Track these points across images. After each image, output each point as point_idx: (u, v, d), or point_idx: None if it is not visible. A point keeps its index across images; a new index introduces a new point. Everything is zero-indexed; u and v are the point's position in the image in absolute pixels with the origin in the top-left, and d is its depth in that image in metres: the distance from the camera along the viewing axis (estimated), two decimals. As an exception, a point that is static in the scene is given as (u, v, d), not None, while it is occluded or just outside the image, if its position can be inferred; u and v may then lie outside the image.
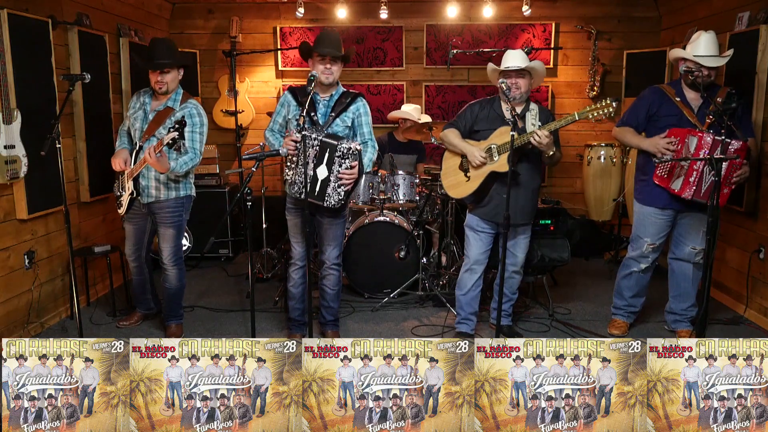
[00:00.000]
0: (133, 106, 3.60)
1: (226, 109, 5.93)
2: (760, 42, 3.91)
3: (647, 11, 5.80)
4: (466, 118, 3.59)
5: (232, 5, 5.91)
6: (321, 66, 3.32)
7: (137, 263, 3.84)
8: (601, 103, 3.15)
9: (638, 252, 3.70)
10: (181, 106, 3.53)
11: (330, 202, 3.27)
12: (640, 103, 3.64)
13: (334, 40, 3.36)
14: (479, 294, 3.75)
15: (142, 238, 3.78)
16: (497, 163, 3.41)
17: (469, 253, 3.68)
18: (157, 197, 3.56)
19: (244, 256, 5.74)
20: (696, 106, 3.49)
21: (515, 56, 3.45)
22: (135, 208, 3.65)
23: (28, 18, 3.66)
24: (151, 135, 3.46)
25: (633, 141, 3.64)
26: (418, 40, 5.98)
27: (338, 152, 3.20)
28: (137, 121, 3.54)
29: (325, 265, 3.62)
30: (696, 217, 3.55)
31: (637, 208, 3.71)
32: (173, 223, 3.64)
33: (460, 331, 3.77)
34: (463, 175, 3.57)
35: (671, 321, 3.83)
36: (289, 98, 3.45)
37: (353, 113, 3.44)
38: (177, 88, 3.57)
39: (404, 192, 4.59)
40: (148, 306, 4.05)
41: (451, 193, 3.68)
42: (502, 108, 3.53)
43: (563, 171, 6.13)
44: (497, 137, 3.43)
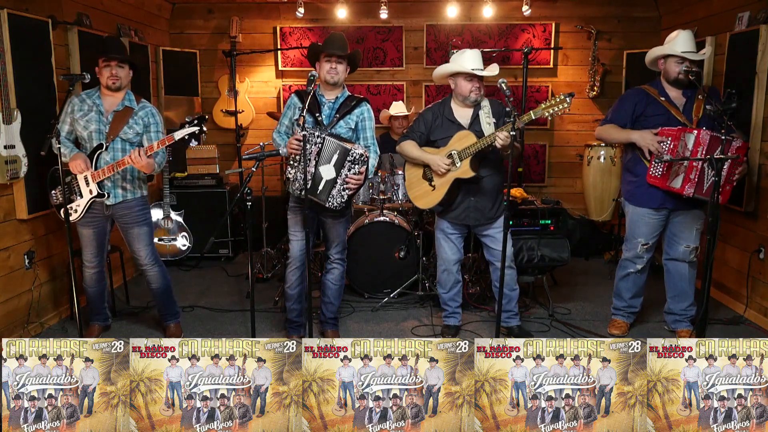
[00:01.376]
0: (80, 109, 3.45)
1: (226, 109, 5.93)
2: (760, 42, 3.91)
3: (647, 11, 5.80)
4: (419, 128, 3.59)
5: (232, 5, 5.91)
6: (327, 65, 3.38)
7: (98, 269, 3.67)
8: (555, 99, 3.12)
9: (633, 253, 3.70)
10: (139, 106, 3.53)
11: (333, 204, 3.29)
12: (626, 102, 3.62)
13: (340, 41, 3.40)
14: (461, 288, 3.84)
15: (103, 242, 3.64)
16: (460, 170, 3.42)
17: (443, 256, 3.73)
18: (125, 197, 3.52)
19: (244, 256, 5.74)
20: (680, 105, 3.50)
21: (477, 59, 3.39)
22: (94, 212, 3.51)
23: (28, 18, 3.66)
24: (116, 135, 3.43)
25: (620, 135, 3.59)
26: (418, 40, 5.98)
27: (350, 157, 3.23)
28: (91, 123, 3.43)
29: (329, 260, 3.67)
30: (689, 214, 3.55)
31: (629, 210, 3.70)
32: (145, 221, 3.62)
33: (448, 324, 3.86)
34: (428, 184, 3.57)
35: (671, 321, 3.83)
36: (295, 100, 3.47)
37: (357, 116, 3.46)
38: (128, 87, 3.55)
39: (404, 192, 4.59)
40: (105, 317, 3.88)
41: (418, 204, 3.66)
42: (453, 113, 3.52)
43: (563, 171, 6.13)
44: (456, 142, 3.43)
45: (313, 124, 3.40)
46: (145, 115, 3.52)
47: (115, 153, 3.45)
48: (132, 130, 3.47)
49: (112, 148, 3.45)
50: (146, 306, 4.35)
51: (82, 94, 3.52)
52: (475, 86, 3.40)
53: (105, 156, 3.44)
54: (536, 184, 6.10)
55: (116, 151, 3.45)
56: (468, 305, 4.21)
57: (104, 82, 3.44)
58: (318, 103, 3.43)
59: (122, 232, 3.64)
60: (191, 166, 5.53)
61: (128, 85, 3.55)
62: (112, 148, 3.45)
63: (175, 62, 5.67)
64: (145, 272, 3.69)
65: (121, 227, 3.62)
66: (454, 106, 3.54)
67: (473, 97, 3.43)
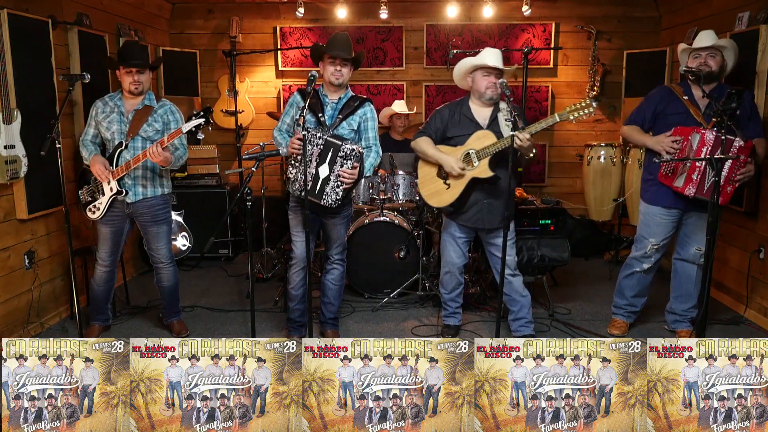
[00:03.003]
0: (102, 111, 3.52)
1: (226, 109, 5.92)
2: (760, 42, 3.91)
3: (647, 11, 5.80)
4: (435, 124, 3.52)
5: (232, 5, 5.91)
6: (331, 68, 3.36)
7: (110, 268, 3.68)
8: (581, 103, 3.12)
9: (641, 252, 3.69)
10: (159, 104, 3.57)
11: (327, 201, 3.28)
12: (648, 101, 3.66)
13: (345, 42, 3.38)
14: (462, 289, 3.82)
15: (119, 241, 3.67)
16: (478, 169, 3.35)
17: (447, 258, 3.67)
18: (144, 195, 3.56)
19: (244, 256, 5.74)
20: (703, 105, 3.49)
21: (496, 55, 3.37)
22: (115, 210, 3.55)
23: (28, 18, 3.66)
24: (136, 133, 3.47)
25: (639, 139, 3.66)
26: (418, 40, 5.98)
27: (341, 152, 3.21)
28: (113, 123, 3.49)
29: (329, 261, 3.66)
30: (703, 216, 3.53)
31: (642, 208, 3.71)
32: (165, 220, 3.67)
33: (448, 324, 3.86)
34: (443, 182, 3.48)
35: (671, 321, 3.83)
36: (297, 98, 3.47)
37: (360, 117, 3.45)
38: (149, 88, 3.60)
39: (404, 192, 4.60)
40: (106, 317, 3.87)
41: (431, 202, 3.56)
42: (471, 111, 3.48)
43: (563, 171, 6.13)
44: (475, 141, 3.37)
45: (315, 124, 3.39)
46: (165, 113, 3.56)
47: (135, 151, 3.48)
48: (152, 127, 3.50)
49: (132, 147, 3.48)
50: (146, 306, 4.35)
51: (105, 98, 3.59)
52: (492, 82, 3.35)
53: (125, 154, 3.47)
54: (536, 184, 6.10)
55: (136, 149, 3.48)
56: (468, 305, 4.21)
57: (126, 87, 3.49)
58: (321, 103, 3.42)
59: (141, 229, 3.67)
60: (191, 166, 5.53)
61: (149, 87, 3.59)
62: (132, 146, 3.48)
63: (175, 62, 5.67)
64: (160, 270, 3.74)
65: (140, 225, 3.65)
66: (473, 105, 3.49)
67: (489, 94, 3.37)
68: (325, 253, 3.70)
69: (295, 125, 3.33)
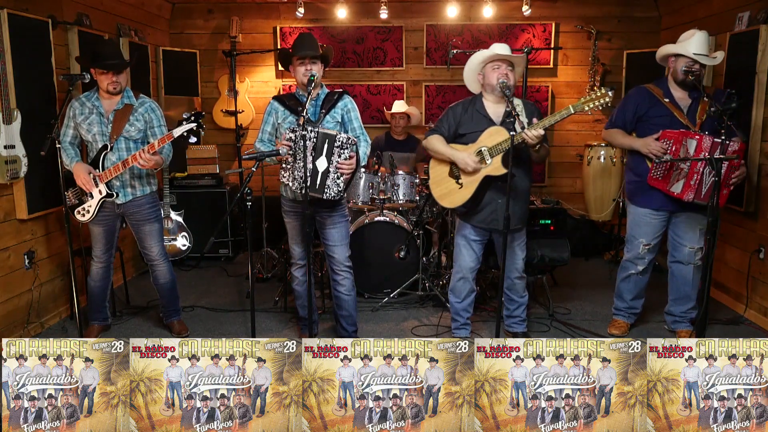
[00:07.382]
0: (81, 113, 3.46)
1: (226, 109, 5.92)
2: (760, 42, 3.91)
3: (647, 11, 5.80)
4: (448, 121, 3.45)
5: (232, 5, 5.91)
6: (302, 68, 3.32)
7: (105, 265, 3.69)
8: (596, 93, 3.06)
9: (634, 253, 3.69)
10: (139, 101, 3.54)
11: (329, 194, 3.24)
12: (628, 103, 3.60)
13: (310, 41, 3.35)
14: (473, 297, 3.67)
15: (113, 239, 3.67)
16: (492, 167, 3.27)
17: (461, 263, 3.55)
18: (134, 195, 3.55)
19: (244, 256, 5.74)
20: (685, 107, 3.46)
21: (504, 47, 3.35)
22: (105, 210, 3.54)
23: (28, 18, 3.66)
24: (119, 135, 3.45)
25: (624, 142, 3.61)
26: (418, 40, 5.98)
27: (337, 143, 3.20)
28: (93, 125, 3.45)
29: (336, 269, 3.55)
30: (691, 215, 3.53)
31: (630, 210, 3.70)
32: (156, 218, 3.68)
33: (459, 336, 3.71)
34: (455, 182, 3.40)
35: (671, 321, 3.83)
36: (276, 105, 3.43)
37: (342, 109, 3.43)
38: (127, 85, 3.56)
39: (404, 192, 4.60)
40: (105, 317, 3.87)
41: (443, 202, 3.48)
42: (485, 107, 3.41)
43: (563, 171, 6.13)
44: (487, 138, 3.29)
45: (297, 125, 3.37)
46: (145, 111, 3.54)
47: (120, 153, 3.46)
48: (134, 127, 3.49)
49: (116, 148, 3.46)
50: (146, 306, 4.35)
51: (81, 98, 3.51)
52: (502, 73, 3.28)
53: (111, 156, 3.45)
54: (536, 184, 6.09)
55: (121, 150, 3.47)
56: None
57: (104, 87, 3.43)
58: (301, 103, 3.37)
59: (133, 229, 3.67)
60: (191, 166, 5.53)
61: (127, 84, 3.56)
62: (116, 148, 3.46)
63: (175, 62, 5.67)
64: (154, 268, 3.74)
65: (132, 225, 3.65)
66: (486, 102, 3.42)
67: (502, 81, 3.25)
68: (330, 262, 3.58)
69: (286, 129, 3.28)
